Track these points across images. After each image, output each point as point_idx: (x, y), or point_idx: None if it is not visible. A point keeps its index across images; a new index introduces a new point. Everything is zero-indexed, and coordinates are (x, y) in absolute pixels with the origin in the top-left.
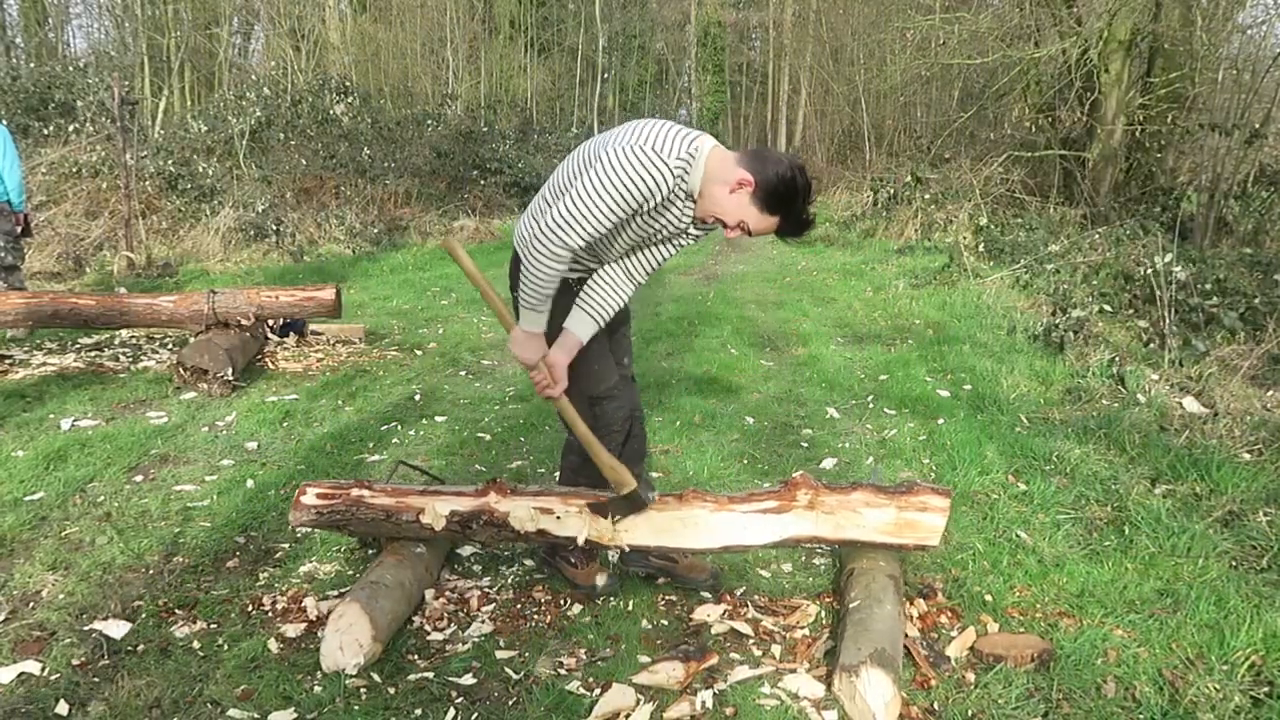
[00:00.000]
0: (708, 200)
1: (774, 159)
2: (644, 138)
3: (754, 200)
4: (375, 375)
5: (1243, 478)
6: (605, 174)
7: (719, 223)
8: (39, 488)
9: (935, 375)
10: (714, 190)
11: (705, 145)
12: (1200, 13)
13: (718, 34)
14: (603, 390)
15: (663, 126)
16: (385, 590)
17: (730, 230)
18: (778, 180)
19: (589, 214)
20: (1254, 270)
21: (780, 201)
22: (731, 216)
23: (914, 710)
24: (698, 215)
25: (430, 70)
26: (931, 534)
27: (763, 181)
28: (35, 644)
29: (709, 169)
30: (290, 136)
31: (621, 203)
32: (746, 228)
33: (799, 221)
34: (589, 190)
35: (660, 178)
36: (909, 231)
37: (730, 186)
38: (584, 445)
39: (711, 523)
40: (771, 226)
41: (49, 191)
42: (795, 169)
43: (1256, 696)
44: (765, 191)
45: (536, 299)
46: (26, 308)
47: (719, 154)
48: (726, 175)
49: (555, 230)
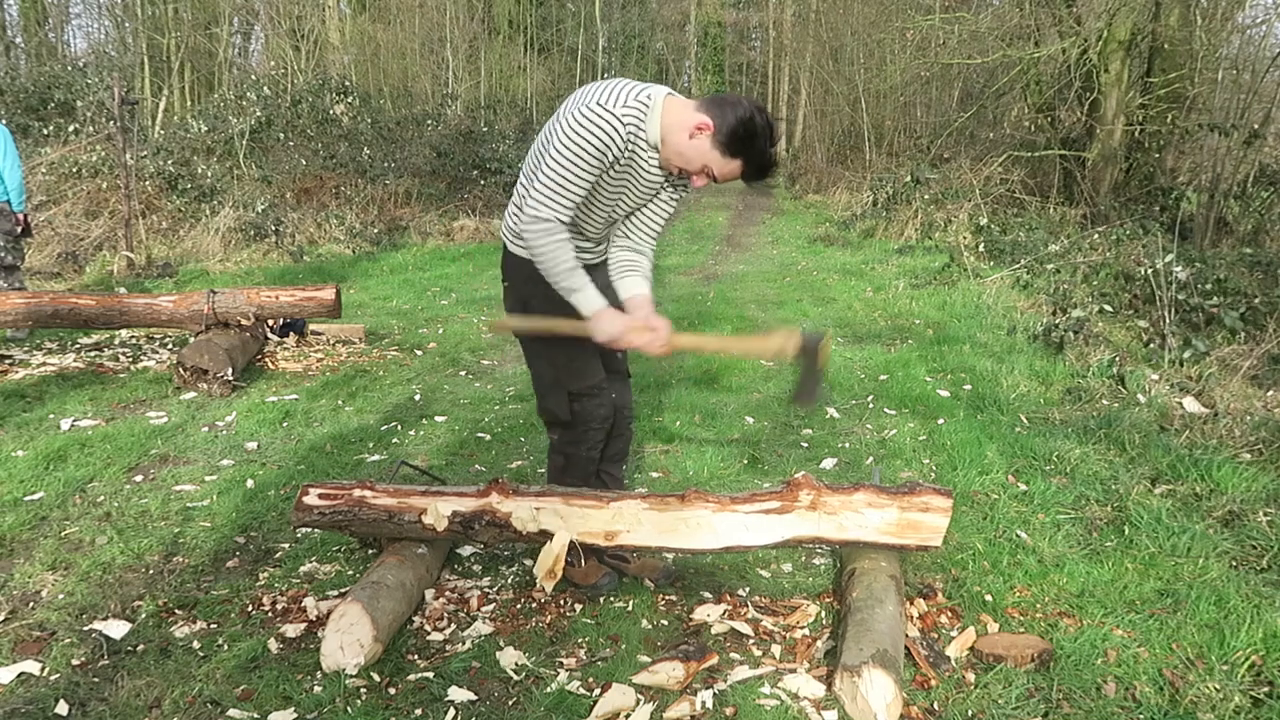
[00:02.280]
0: (669, 148)
1: (732, 101)
2: (591, 96)
3: (715, 144)
4: (375, 375)
5: (1243, 478)
6: (562, 142)
7: (683, 173)
8: (39, 488)
9: (935, 375)
10: (674, 137)
11: (658, 93)
12: (1200, 13)
13: (718, 34)
14: (583, 387)
15: (611, 83)
16: (386, 590)
17: (696, 178)
18: (737, 122)
19: (559, 183)
20: (1254, 270)
21: (741, 144)
22: (694, 162)
23: (914, 710)
24: (662, 164)
25: (430, 70)
26: (934, 534)
27: (722, 124)
28: (35, 644)
29: (667, 116)
30: (290, 136)
31: (584, 163)
32: (711, 173)
33: (762, 163)
34: (553, 160)
35: (611, 128)
36: (909, 231)
37: (689, 131)
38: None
39: (714, 523)
40: (735, 170)
41: (49, 191)
42: (755, 109)
43: (1256, 696)
44: (725, 134)
45: (570, 280)
46: (26, 308)
47: (676, 101)
48: (685, 120)
49: (536, 208)
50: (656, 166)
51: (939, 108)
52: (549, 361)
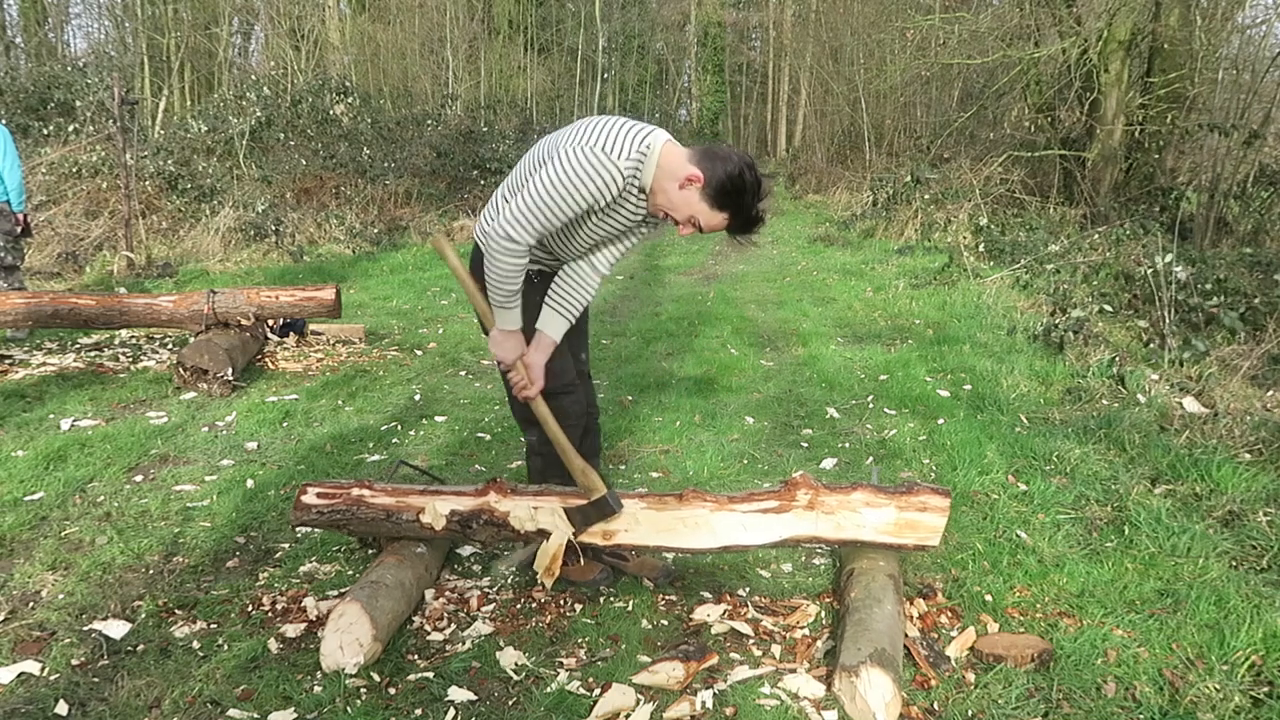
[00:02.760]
0: (659, 195)
1: (724, 156)
2: (596, 138)
3: (703, 196)
4: (375, 375)
5: (1243, 478)
6: (557, 173)
7: (670, 219)
8: (39, 488)
9: (935, 375)
10: (665, 185)
11: (658, 141)
12: (1200, 13)
13: (717, 34)
14: (559, 386)
15: (615, 125)
16: (385, 590)
17: (682, 227)
18: (726, 177)
19: (540, 212)
20: (1254, 270)
21: (729, 198)
22: (681, 212)
23: (914, 710)
24: (650, 209)
25: (430, 70)
26: (932, 534)
27: (711, 178)
28: (35, 644)
29: (661, 164)
30: (290, 136)
31: (572, 202)
32: (697, 223)
33: (748, 219)
34: (541, 189)
35: (610, 178)
36: (909, 231)
37: (680, 182)
38: (556, 448)
39: (712, 522)
40: (721, 223)
41: (49, 191)
42: (744, 166)
43: (1256, 696)
44: (714, 188)
45: (504, 295)
46: (26, 308)
47: (671, 150)
48: (677, 171)
49: (508, 227)
50: (643, 209)
51: (939, 108)
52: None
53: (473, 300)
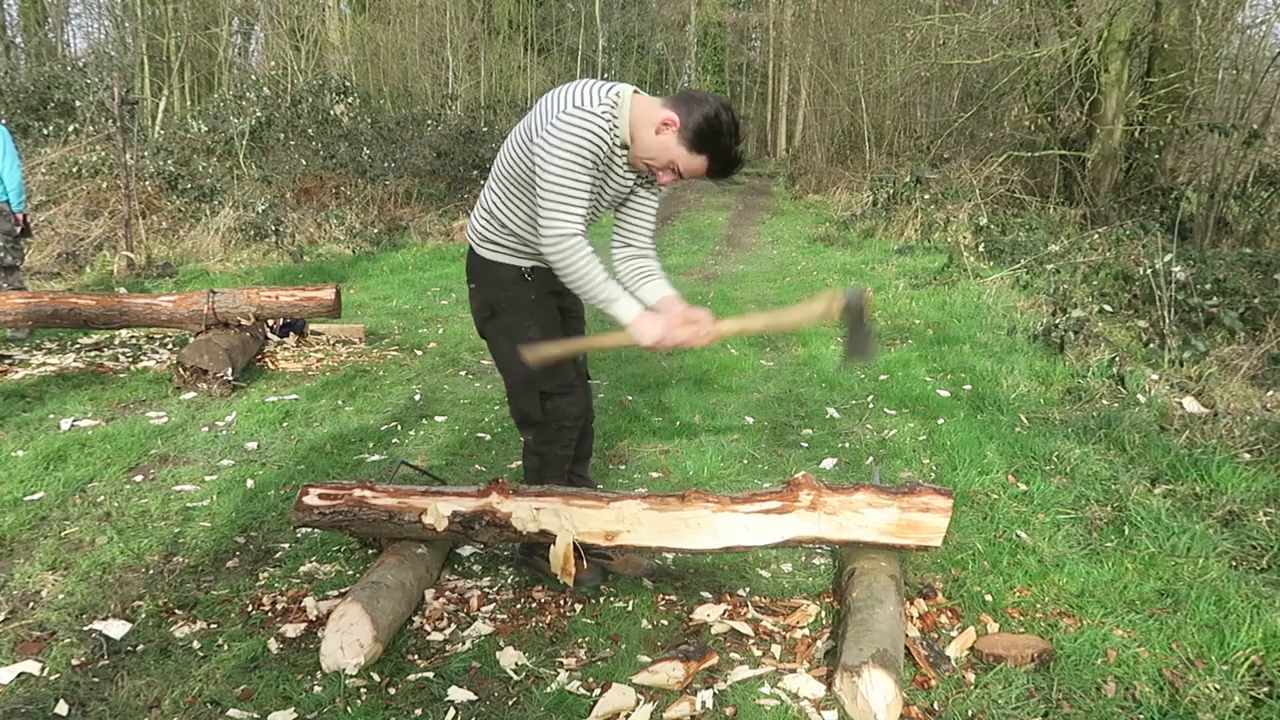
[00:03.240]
0: (637, 145)
1: (699, 98)
2: (566, 101)
3: (680, 139)
4: (375, 375)
5: (1243, 478)
6: (552, 153)
7: (649, 169)
8: (39, 488)
9: (935, 375)
10: (641, 134)
11: (625, 90)
12: (1200, 13)
13: (717, 34)
14: (556, 386)
15: (578, 84)
16: (386, 590)
17: (663, 175)
18: (703, 119)
19: (567, 194)
20: (1254, 270)
21: (706, 140)
22: (659, 158)
23: (914, 710)
24: (630, 162)
25: (430, 70)
26: (934, 534)
27: (688, 121)
28: (35, 644)
29: (634, 113)
30: (290, 136)
31: (580, 167)
32: (676, 168)
33: (727, 160)
34: (551, 174)
35: (596, 126)
36: (909, 231)
37: (655, 127)
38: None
39: (714, 523)
40: (701, 166)
41: (49, 191)
42: (720, 106)
43: (1256, 696)
44: (691, 130)
45: (605, 291)
46: (26, 308)
47: (643, 98)
48: (652, 117)
49: (552, 229)
50: (626, 164)
51: (939, 108)
52: (521, 363)
53: (601, 346)
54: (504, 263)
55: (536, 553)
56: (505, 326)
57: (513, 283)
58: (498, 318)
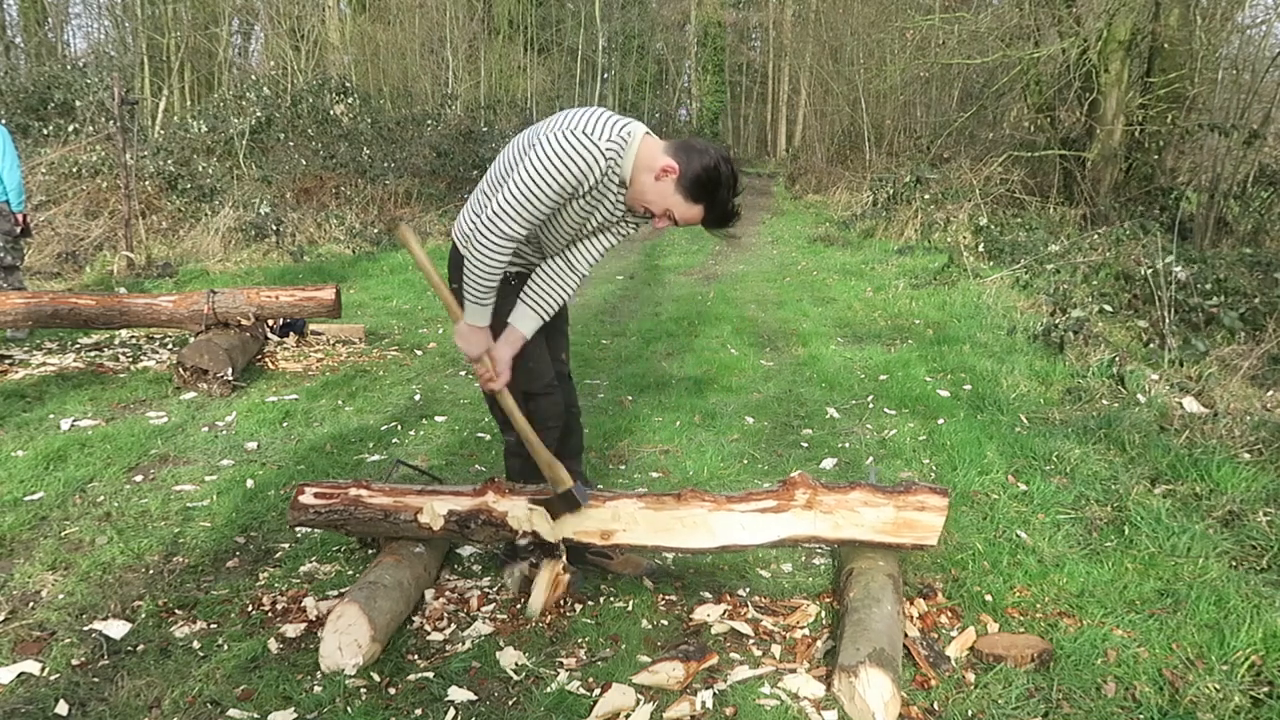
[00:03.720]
0: (635, 187)
1: (700, 149)
2: (576, 123)
3: (678, 188)
4: (375, 375)
5: (1243, 478)
6: (540, 160)
7: (647, 212)
8: (39, 488)
9: (935, 375)
10: (641, 177)
11: (637, 131)
12: (1200, 13)
13: (717, 34)
14: (538, 387)
15: (595, 112)
16: (384, 590)
17: (658, 220)
18: (702, 170)
19: (527, 201)
20: (1254, 270)
21: (704, 190)
22: (657, 204)
23: (914, 710)
24: (627, 202)
25: (430, 70)
26: (930, 533)
27: (687, 170)
28: (35, 644)
29: (639, 156)
30: (290, 136)
31: (557, 186)
32: (672, 216)
33: (724, 212)
34: (526, 177)
35: (593, 159)
36: (909, 231)
37: (656, 174)
38: (523, 439)
39: (710, 522)
40: (697, 216)
41: (49, 191)
42: (720, 159)
43: (1256, 696)
44: (689, 180)
45: (481, 292)
46: (26, 308)
47: (650, 141)
48: (653, 162)
49: (496, 220)
50: (623, 202)
51: (939, 108)
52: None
53: (438, 291)
54: None
55: (519, 554)
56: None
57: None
58: None
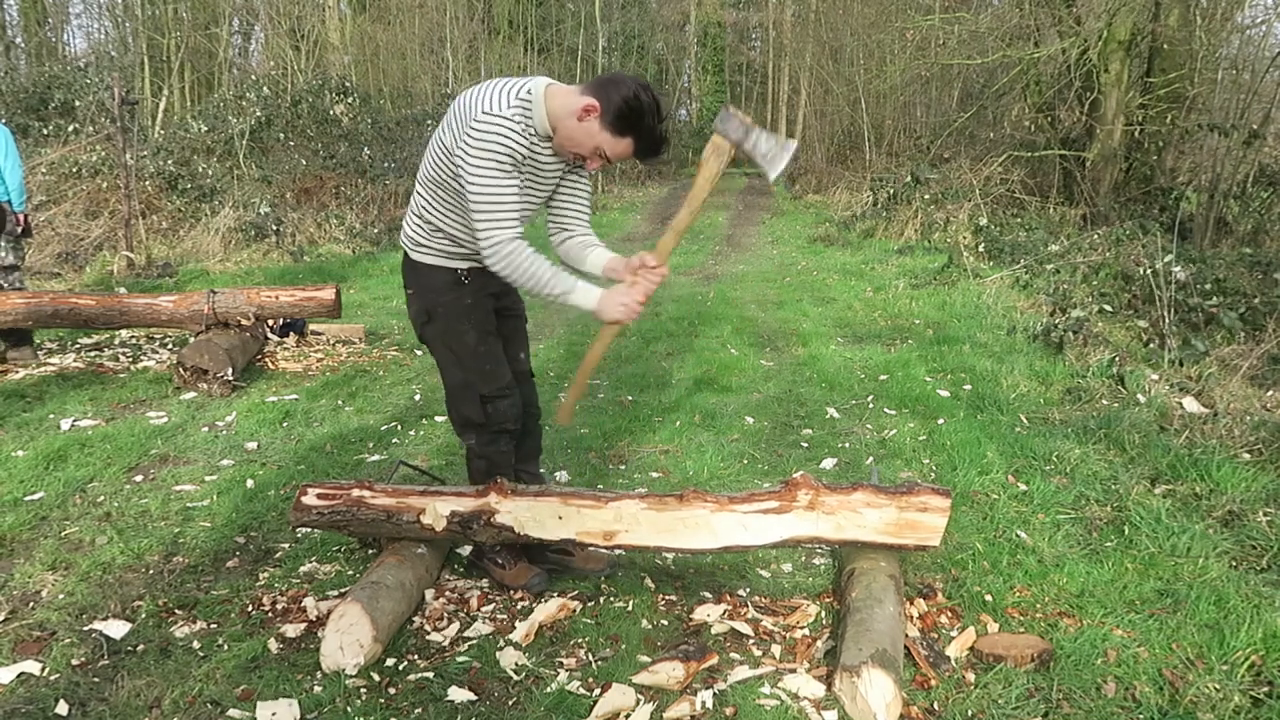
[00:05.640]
0: (560, 135)
1: (616, 80)
2: (476, 107)
3: (603, 125)
4: (375, 375)
5: (1243, 478)
6: (471, 162)
7: (577, 157)
8: (39, 488)
9: (935, 375)
10: (563, 123)
11: (538, 85)
12: (1200, 13)
13: (717, 34)
14: (494, 390)
15: (488, 87)
16: (386, 591)
17: (590, 161)
18: (622, 101)
19: (495, 201)
20: (1254, 270)
21: (629, 122)
22: (585, 145)
23: (914, 710)
24: (556, 152)
25: (430, 70)
26: (932, 534)
27: (608, 105)
28: (35, 644)
29: (552, 105)
30: (290, 136)
31: (502, 172)
32: (603, 153)
33: (653, 139)
34: (474, 187)
35: (508, 130)
36: (909, 231)
37: (577, 115)
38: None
39: (712, 523)
40: (627, 149)
41: (49, 191)
42: (639, 87)
43: (1256, 696)
44: (612, 114)
45: (557, 286)
46: (26, 308)
47: (558, 88)
48: (571, 105)
49: (491, 240)
50: (552, 156)
51: (939, 108)
52: (461, 368)
53: (597, 356)
54: (439, 266)
55: (486, 555)
56: (442, 331)
57: (449, 287)
58: (434, 323)
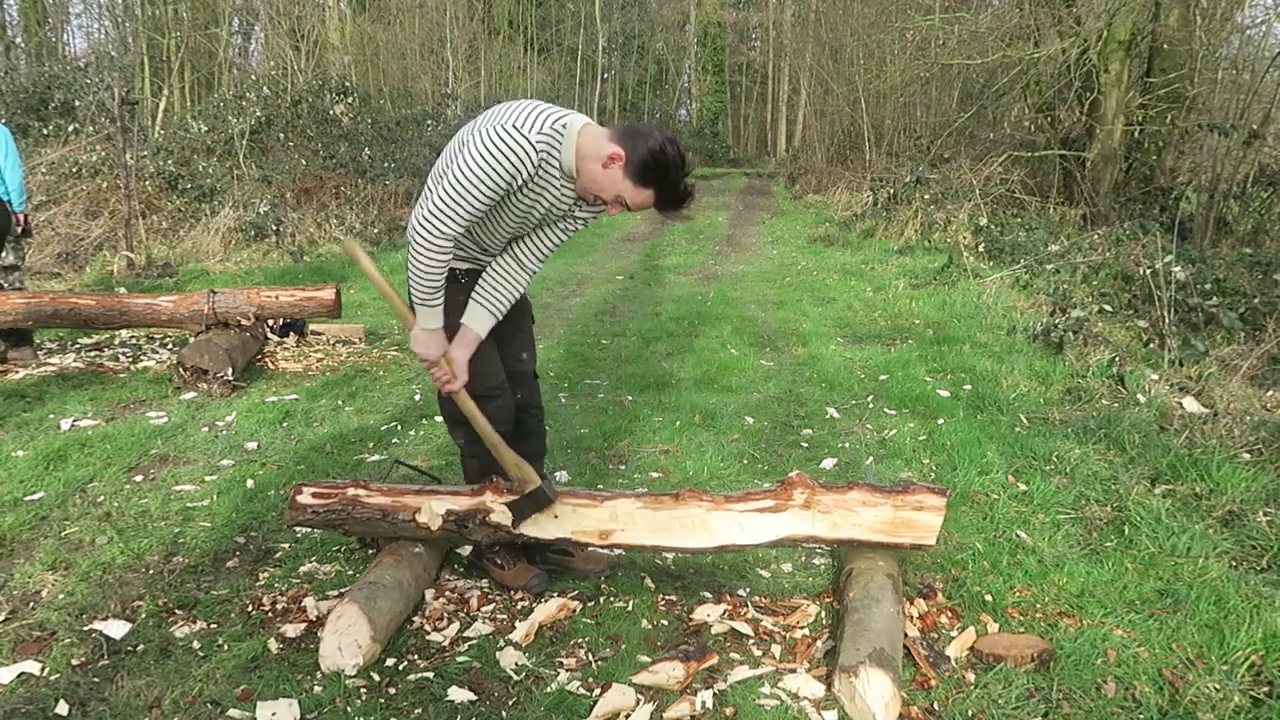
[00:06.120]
0: (584, 177)
1: (644, 133)
2: (508, 117)
3: (626, 174)
4: (375, 375)
5: (1243, 478)
6: (472, 156)
7: (598, 200)
8: (39, 488)
9: (935, 375)
10: (588, 166)
11: (575, 122)
12: (1200, 13)
13: (717, 34)
14: (485, 389)
15: (529, 105)
16: (384, 591)
17: (610, 207)
18: (648, 153)
19: (461, 199)
20: (1253, 270)
21: (652, 175)
22: (607, 191)
23: (914, 710)
24: (578, 193)
25: (430, 70)
26: (928, 533)
27: (633, 156)
28: (35, 644)
29: (581, 146)
30: (290, 136)
31: (490, 183)
32: (624, 202)
33: (675, 194)
34: (459, 175)
35: (523, 153)
36: (909, 231)
37: (602, 161)
38: (487, 444)
39: (708, 522)
40: (648, 200)
41: (49, 191)
42: (666, 141)
43: (1256, 696)
44: (636, 165)
45: (428, 293)
46: (26, 308)
47: (591, 130)
48: (599, 150)
49: (432, 219)
50: (570, 193)
51: (939, 108)
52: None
53: (389, 300)
54: None
55: (485, 555)
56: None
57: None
58: None
